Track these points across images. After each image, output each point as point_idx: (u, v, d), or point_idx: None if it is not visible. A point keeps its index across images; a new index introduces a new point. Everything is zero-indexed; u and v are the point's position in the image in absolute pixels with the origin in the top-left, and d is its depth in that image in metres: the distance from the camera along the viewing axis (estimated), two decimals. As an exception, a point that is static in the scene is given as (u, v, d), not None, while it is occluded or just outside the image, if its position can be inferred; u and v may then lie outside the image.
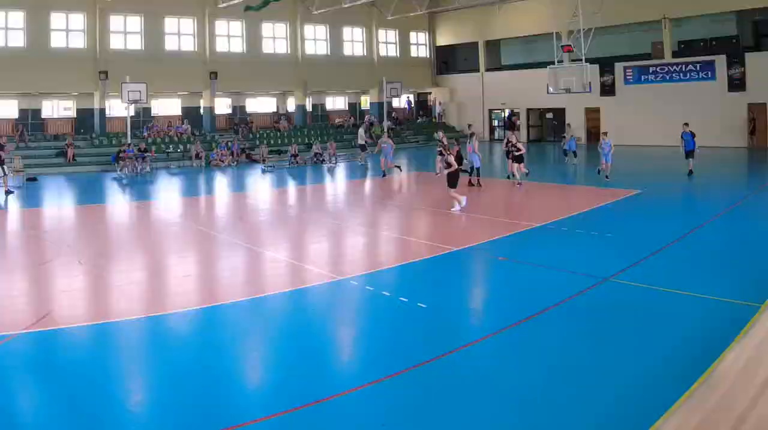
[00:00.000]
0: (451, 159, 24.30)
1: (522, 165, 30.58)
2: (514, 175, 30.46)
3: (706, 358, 9.60)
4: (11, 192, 31.17)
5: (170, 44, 49.32)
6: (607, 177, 30.94)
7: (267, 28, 54.10)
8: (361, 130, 46.89)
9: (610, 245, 18.46)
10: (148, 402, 9.45)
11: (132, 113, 45.49)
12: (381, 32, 61.14)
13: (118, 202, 30.80)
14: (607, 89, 52.54)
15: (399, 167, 38.70)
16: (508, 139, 31.95)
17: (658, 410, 8.12)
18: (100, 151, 43.98)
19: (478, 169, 30.44)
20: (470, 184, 29.70)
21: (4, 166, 32.11)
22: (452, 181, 23.94)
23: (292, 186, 35.72)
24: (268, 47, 54.38)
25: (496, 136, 60.84)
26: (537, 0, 52.86)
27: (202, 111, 52.20)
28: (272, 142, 50.54)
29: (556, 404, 8.98)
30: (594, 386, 9.47)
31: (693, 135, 32.35)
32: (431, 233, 21.64)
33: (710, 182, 31.35)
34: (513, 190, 29.50)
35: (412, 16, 57.54)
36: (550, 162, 45.68)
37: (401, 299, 13.72)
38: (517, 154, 30.23)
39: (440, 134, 33.51)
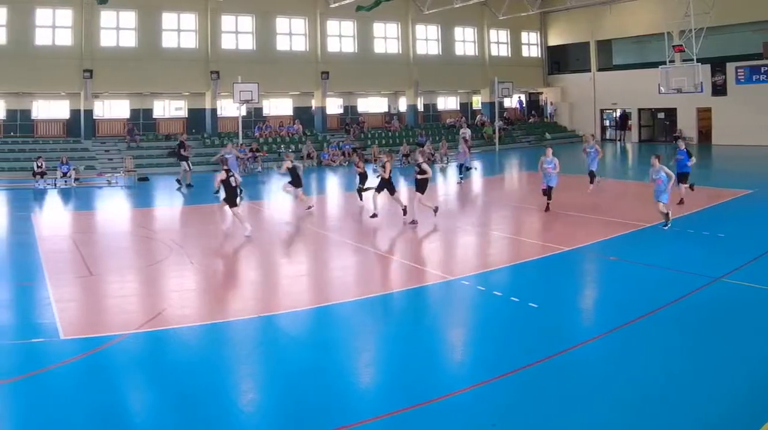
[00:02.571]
0: (426, 167, 22.34)
1: (422, 197, 22.37)
2: (405, 210, 22.50)
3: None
4: (191, 185, 32.49)
5: (282, 44, 47.88)
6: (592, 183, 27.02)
7: (378, 28, 51.88)
8: (469, 130, 45.73)
9: (722, 245, 17.91)
10: (260, 402, 9.40)
11: (243, 113, 44.24)
12: (492, 32, 57.84)
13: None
14: (719, 89, 49.19)
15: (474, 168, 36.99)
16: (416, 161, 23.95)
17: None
18: (211, 151, 41.98)
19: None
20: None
21: (188, 161, 33.50)
22: (422, 187, 22.12)
23: (401, 186, 33.28)
24: (379, 47, 52.18)
25: (608, 136, 57.99)
26: (648, 0, 50.69)
27: (313, 111, 50.61)
28: (383, 142, 48.78)
29: (666, 406, 8.66)
30: (705, 388, 9.17)
31: None
32: (542, 233, 21.01)
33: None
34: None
35: (523, 15, 54.48)
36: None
37: (512, 298, 13.51)
38: (419, 178, 22.18)
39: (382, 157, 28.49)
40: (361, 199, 26.28)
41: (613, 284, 15.01)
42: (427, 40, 54.63)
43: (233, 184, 20.65)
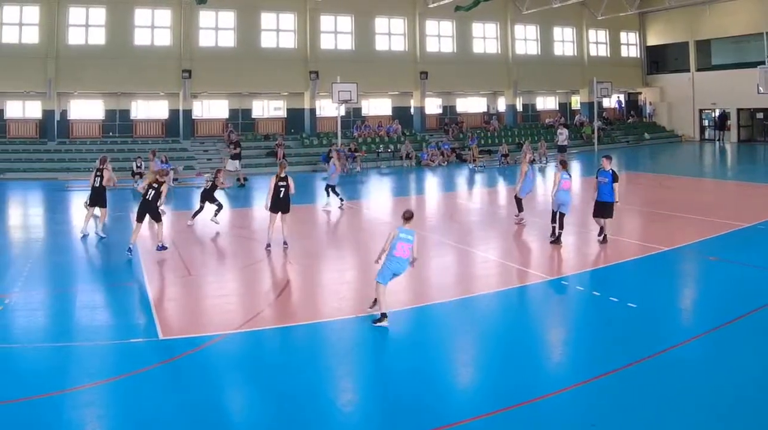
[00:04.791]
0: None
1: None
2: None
3: None
4: (247, 179, 32.87)
5: (381, 44, 45.79)
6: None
7: (477, 28, 49.01)
8: (566, 131, 43.93)
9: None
10: (359, 402, 9.13)
11: (342, 113, 42.02)
12: (591, 32, 54.77)
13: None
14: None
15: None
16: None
17: None
18: (310, 151, 40.74)
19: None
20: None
21: (239, 161, 33.22)
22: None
23: (501, 186, 32.99)
24: (478, 47, 49.27)
25: (707, 136, 55.17)
26: (747, 0, 48.23)
27: (412, 111, 48.29)
28: (482, 142, 45.84)
29: (764, 409, 8.31)
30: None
31: None
32: (640, 232, 20.24)
33: None
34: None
35: (622, 15, 51.84)
36: (761, 162, 42.22)
37: (611, 299, 13.06)
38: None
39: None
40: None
41: (713, 285, 14.52)
42: (526, 40, 51.72)
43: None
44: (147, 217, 17.15)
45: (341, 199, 24.98)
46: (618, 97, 59.42)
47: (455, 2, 43.19)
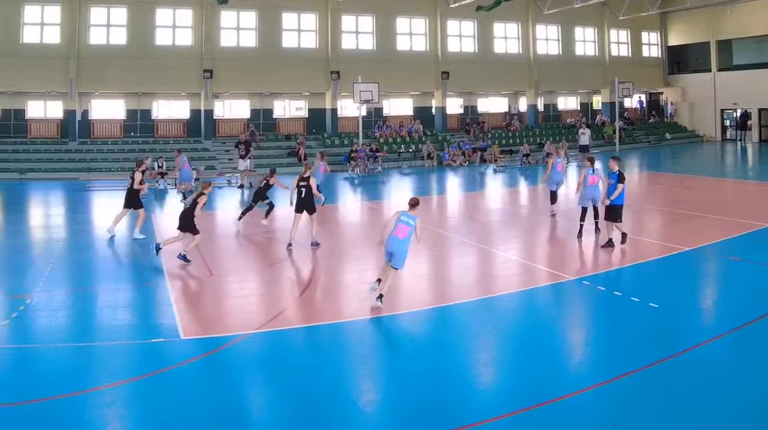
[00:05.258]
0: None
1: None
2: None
3: None
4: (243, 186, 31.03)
5: (402, 44, 45.22)
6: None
7: (499, 28, 48.32)
8: (588, 131, 43.47)
9: None
10: (380, 401, 9.00)
11: (364, 113, 41.37)
12: (612, 32, 54.14)
13: (349, 202, 29.06)
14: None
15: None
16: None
17: None
18: (332, 151, 39.62)
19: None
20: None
21: (249, 161, 32.73)
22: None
23: (523, 186, 32.76)
24: (499, 47, 48.58)
25: (728, 136, 54.50)
26: (768, -1, 47.17)
27: (433, 111, 47.57)
28: (504, 141, 45.44)
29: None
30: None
31: None
32: (662, 232, 19.91)
33: None
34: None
35: (643, 15, 51.09)
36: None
37: (633, 299, 12.84)
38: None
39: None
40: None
41: (735, 285, 14.20)
42: (548, 40, 51.05)
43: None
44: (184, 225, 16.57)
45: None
46: (639, 97, 58.81)
47: (477, 2, 42.63)
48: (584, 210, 18.42)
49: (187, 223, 16.33)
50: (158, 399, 8.82)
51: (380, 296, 12.27)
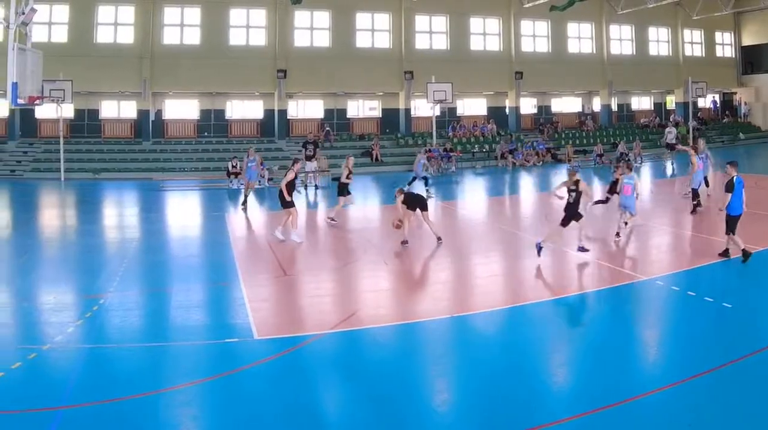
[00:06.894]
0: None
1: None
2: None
3: None
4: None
5: (475, 44, 43.39)
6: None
7: (572, 28, 46.33)
8: (674, 129, 40.70)
9: None
10: (454, 402, 8.76)
11: (437, 113, 39.75)
12: (686, 32, 51.91)
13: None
14: None
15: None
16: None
17: None
18: (405, 151, 38.58)
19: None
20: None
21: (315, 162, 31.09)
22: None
23: (596, 186, 30.35)
24: (573, 47, 46.59)
25: None
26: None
27: (507, 111, 45.98)
28: (577, 142, 43.72)
29: None
30: None
31: None
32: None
33: None
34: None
35: (717, 15, 48.69)
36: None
37: (707, 298, 12.49)
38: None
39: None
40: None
41: None
42: (621, 40, 48.88)
43: None
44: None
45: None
46: (713, 97, 56.50)
47: (550, 2, 40.91)
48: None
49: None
50: (232, 399, 8.64)
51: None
